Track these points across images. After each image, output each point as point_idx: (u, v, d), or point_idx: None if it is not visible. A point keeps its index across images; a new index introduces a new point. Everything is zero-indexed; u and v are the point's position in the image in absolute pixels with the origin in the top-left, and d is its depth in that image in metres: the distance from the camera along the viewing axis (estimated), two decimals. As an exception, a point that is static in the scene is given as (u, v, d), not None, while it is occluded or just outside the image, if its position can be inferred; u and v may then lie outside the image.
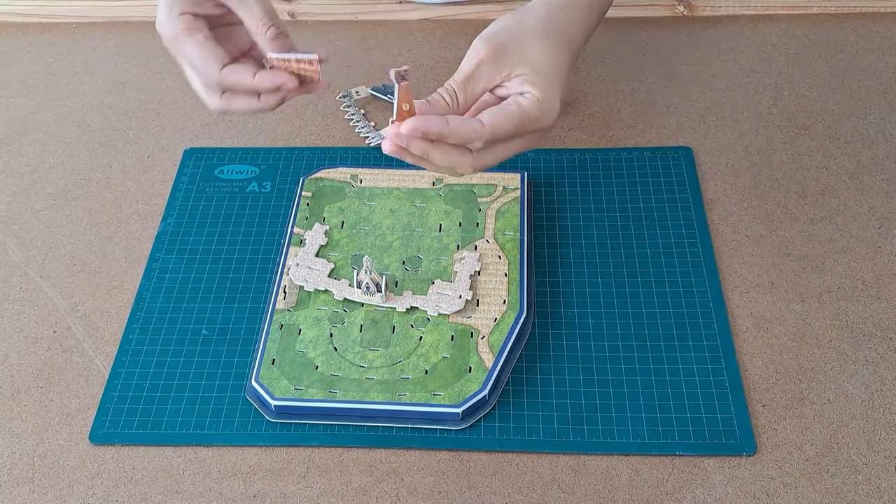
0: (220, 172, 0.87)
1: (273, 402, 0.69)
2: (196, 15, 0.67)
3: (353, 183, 0.84)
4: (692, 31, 1.02)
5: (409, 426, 0.68)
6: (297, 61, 0.67)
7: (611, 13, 1.03)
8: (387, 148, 0.63)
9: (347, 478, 0.66)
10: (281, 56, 0.67)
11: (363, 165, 0.87)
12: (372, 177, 0.84)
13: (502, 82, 0.66)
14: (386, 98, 0.94)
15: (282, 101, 0.68)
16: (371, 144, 0.89)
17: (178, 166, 0.89)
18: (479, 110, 0.66)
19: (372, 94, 0.95)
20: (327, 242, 0.79)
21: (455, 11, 1.04)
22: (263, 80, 0.66)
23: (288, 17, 1.05)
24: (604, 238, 0.80)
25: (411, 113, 0.63)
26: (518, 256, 0.77)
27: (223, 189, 0.86)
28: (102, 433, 0.69)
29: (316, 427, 0.69)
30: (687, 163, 0.86)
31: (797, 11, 1.03)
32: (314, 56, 0.66)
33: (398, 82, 0.62)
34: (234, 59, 0.69)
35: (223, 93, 0.68)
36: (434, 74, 0.97)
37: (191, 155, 0.90)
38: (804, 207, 0.83)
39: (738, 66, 0.97)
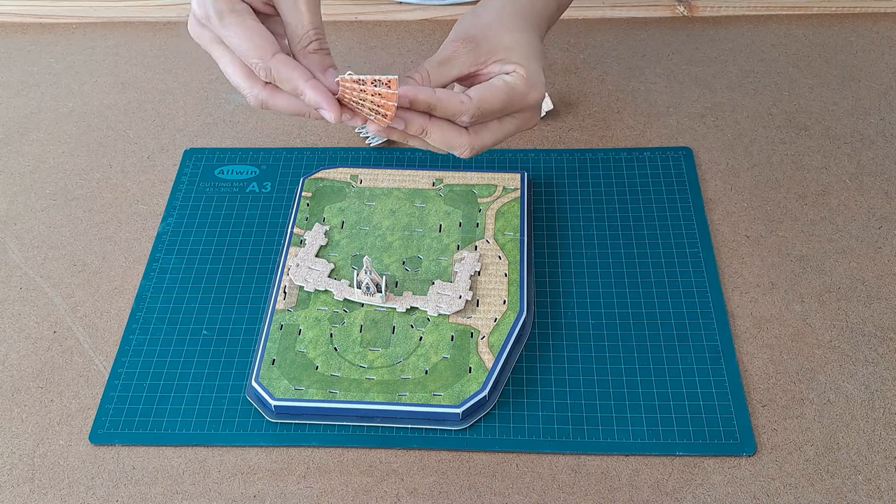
0: (220, 172, 0.87)
1: (273, 403, 0.69)
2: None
3: (353, 183, 0.84)
4: (692, 31, 1.02)
5: (409, 426, 0.68)
6: (374, 93, 0.58)
7: (611, 13, 1.04)
8: (374, 129, 0.61)
9: (347, 478, 0.66)
10: (356, 77, 0.58)
11: (363, 165, 0.87)
12: (372, 177, 0.84)
13: (480, 69, 0.65)
14: (386, 98, 0.94)
15: (319, 118, 0.62)
16: (371, 145, 0.89)
17: (178, 166, 0.89)
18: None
19: (372, 94, 0.95)
20: (327, 243, 0.79)
21: (455, 12, 1.04)
22: (313, 91, 0.59)
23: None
24: (604, 238, 0.80)
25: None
26: (518, 256, 0.77)
27: (223, 189, 0.86)
28: (102, 433, 0.69)
29: (316, 427, 0.69)
30: (687, 163, 0.87)
31: (797, 11, 1.03)
32: (394, 77, 0.58)
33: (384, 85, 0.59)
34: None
35: (265, 84, 0.62)
36: (434, 74, 0.97)
37: (191, 155, 0.90)
38: (804, 208, 0.83)
39: (738, 66, 0.97)
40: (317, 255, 0.78)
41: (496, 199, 0.82)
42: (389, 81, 0.58)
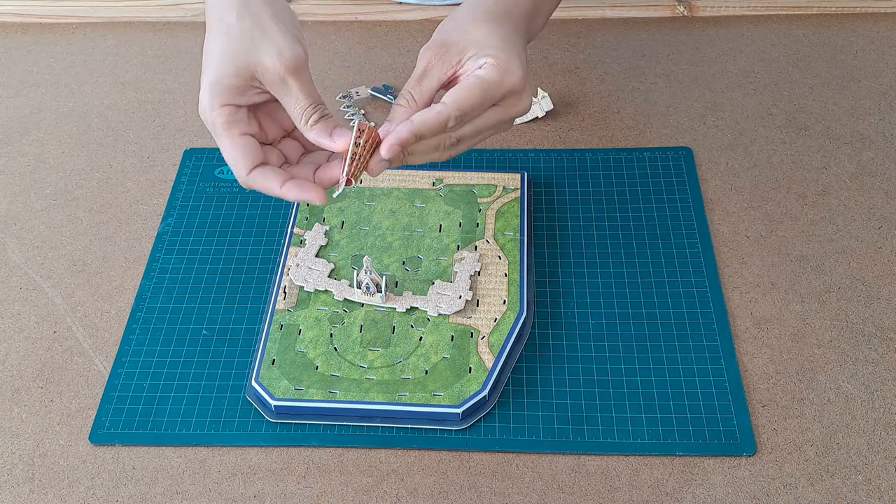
0: (220, 172, 0.87)
1: (273, 403, 0.69)
2: (238, 106, 0.64)
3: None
4: (692, 31, 1.02)
5: (409, 426, 0.68)
6: (359, 136, 0.63)
7: (611, 13, 1.04)
8: (375, 171, 0.64)
9: (347, 478, 0.66)
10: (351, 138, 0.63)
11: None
12: (372, 176, 0.84)
13: (456, 71, 0.66)
14: (386, 98, 0.94)
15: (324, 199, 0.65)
16: (371, 144, 0.89)
17: (178, 166, 0.89)
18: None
19: (372, 94, 0.95)
20: (327, 243, 0.79)
21: (455, 11, 1.04)
22: (289, 191, 0.63)
23: (288, 17, 1.05)
24: (604, 238, 0.80)
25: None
26: (518, 256, 0.77)
27: (223, 189, 0.86)
28: (102, 433, 0.69)
29: (316, 427, 0.69)
30: (687, 163, 0.86)
31: (797, 11, 1.03)
32: (370, 125, 0.63)
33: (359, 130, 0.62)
34: (275, 142, 0.67)
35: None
36: (434, 74, 0.97)
37: (191, 155, 0.90)
38: (804, 208, 0.83)
39: (738, 66, 0.97)
40: (317, 255, 0.78)
41: (496, 199, 0.82)
42: (367, 129, 0.62)
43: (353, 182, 0.63)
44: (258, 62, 0.63)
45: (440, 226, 0.80)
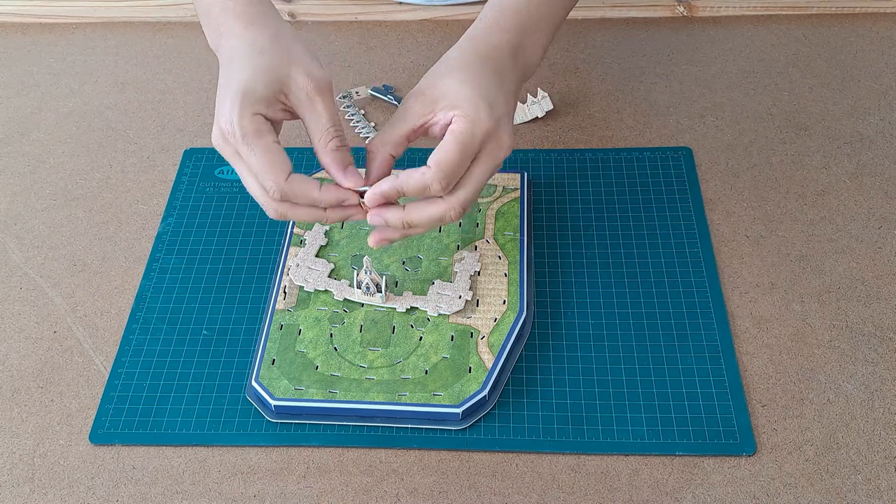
0: (220, 172, 0.87)
1: (273, 403, 0.69)
2: (266, 117, 0.65)
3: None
4: (692, 31, 1.02)
5: (409, 426, 0.68)
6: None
7: (611, 13, 1.04)
8: (372, 242, 0.68)
9: (347, 478, 0.66)
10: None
11: (363, 165, 0.86)
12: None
13: (429, 120, 0.67)
14: (386, 98, 0.94)
15: (346, 219, 0.67)
16: (371, 144, 0.89)
17: (178, 166, 0.89)
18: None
19: (372, 94, 0.95)
20: (327, 242, 0.79)
21: (455, 12, 1.04)
22: (328, 194, 0.65)
23: (288, 18, 1.05)
24: (604, 238, 0.80)
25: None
26: (518, 256, 0.77)
27: (223, 189, 0.86)
28: (102, 433, 0.69)
29: (316, 427, 0.69)
30: (687, 163, 0.87)
31: (797, 11, 1.03)
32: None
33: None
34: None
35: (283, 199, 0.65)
36: (434, 74, 0.97)
37: (191, 155, 0.90)
38: (804, 208, 0.83)
39: (738, 66, 0.97)
40: (317, 255, 0.78)
41: (496, 199, 0.82)
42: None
43: None
44: (289, 77, 0.65)
45: (440, 226, 0.80)
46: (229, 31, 0.68)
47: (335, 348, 0.72)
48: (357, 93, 0.95)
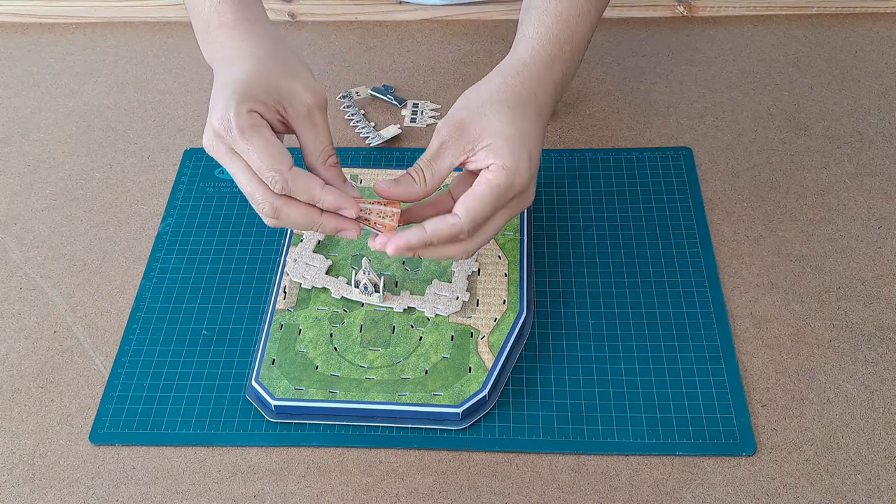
0: (220, 172, 0.87)
1: (273, 402, 0.69)
2: (263, 116, 0.64)
3: (354, 183, 0.84)
4: (692, 31, 1.02)
5: (409, 426, 0.68)
6: (379, 213, 0.66)
7: (610, 13, 1.04)
8: (394, 225, 0.66)
9: (347, 478, 0.66)
10: (362, 206, 0.65)
11: (363, 165, 0.87)
12: (372, 177, 0.84)
13: (469, 157, 0.66)
14: (386, 98, 0.94)
15: (338, 231, 0.65)
16: (371, 145, 0.89)
17: (178, 166, 0.89)
18: (458, 187, 0.67)
19: (372, 94, 0.95)
20: (327, 242, 0.79)
21: (455, 12, 1.04)
22: (330, 195, 0.63)
23: (288, 18, 1.05)
24: (604, 238, 0.80)
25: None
26: (518, 256, 0.77)
27: (223, 189, 0.86)
28: (102, 433, 0.69)
29: (316, 427, 0.69)
30: (687, 163, 0.87)
31: (797, 11, 1.03)
32: (397, 210, 0.66)
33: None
34: None
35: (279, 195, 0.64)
36: (434, 75, 0.97)
37: (191, 155, 0.90)
38: (804, 207, 0.83)
39: (738, 66, 0.97)
40: (314, 251, 0.78)
41: (496, 199, 0.82)
42: (393, 216, 0.66)
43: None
44: (290, 89, 0.64)
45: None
46: (227, 43, 0.67)
47: (335, 348, 0.72)
48: (357, 93, 0.95)
